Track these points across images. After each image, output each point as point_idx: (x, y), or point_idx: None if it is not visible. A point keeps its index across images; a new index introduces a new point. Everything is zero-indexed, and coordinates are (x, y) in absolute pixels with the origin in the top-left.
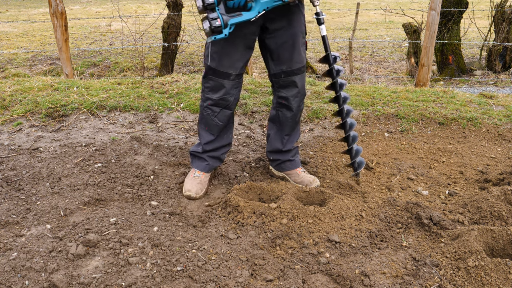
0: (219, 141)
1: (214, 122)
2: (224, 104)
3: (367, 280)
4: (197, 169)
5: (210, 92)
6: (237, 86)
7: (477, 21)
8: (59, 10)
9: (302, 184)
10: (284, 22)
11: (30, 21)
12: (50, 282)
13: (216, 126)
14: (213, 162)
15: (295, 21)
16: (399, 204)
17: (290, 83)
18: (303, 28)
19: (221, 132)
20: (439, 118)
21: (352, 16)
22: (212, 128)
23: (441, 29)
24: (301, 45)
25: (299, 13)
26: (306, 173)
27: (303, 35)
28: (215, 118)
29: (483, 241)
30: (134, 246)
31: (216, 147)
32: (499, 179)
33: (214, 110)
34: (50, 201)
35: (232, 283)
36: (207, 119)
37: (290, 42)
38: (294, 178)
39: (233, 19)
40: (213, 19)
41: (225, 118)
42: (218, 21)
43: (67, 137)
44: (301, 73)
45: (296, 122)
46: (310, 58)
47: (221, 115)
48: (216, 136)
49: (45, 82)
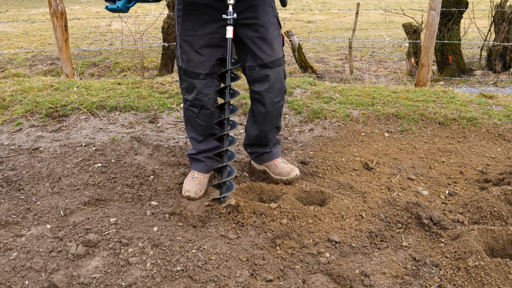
0: (208, 141)
1: (196, 123)
2: (200, 104)
3: (367, 280)
4: (195, 171)
5: (186, 93)
6: (210, 85)
7: (477, 21)
8: (59, 10)
9: (281, 176)
10: (249, 14)
11: (30, 21)
12: (50, 282)
13: (200, 126)
14: (211, 162)
15: (262, 12)
16: (399, 204)
17: (263, 77)
18: (273, 20)
19: (206, 132)
20: (439, 118)
21: (352, 16)
22: (198, 128)
23: (441, 29)
24: (273, 38)
25: (265, 5)
26: (285, 163)
27: (276, 27)
28: (197, 119)
29: (483, 241)
30: (134, 246)
31: (209, 148)
32: (499, 179)
33: (193, 110)
34: (50, 201)
35: (232, 283)
36: (191, 120)
37: (259, 34)
38: (273, 170)
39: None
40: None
41: (206, 118)
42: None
43: (67, 137)
44: (275, 66)
45: (273, 119)
46: (310, 58)
47: (201, 115)
48: (205, 137)
49: (45, 82)
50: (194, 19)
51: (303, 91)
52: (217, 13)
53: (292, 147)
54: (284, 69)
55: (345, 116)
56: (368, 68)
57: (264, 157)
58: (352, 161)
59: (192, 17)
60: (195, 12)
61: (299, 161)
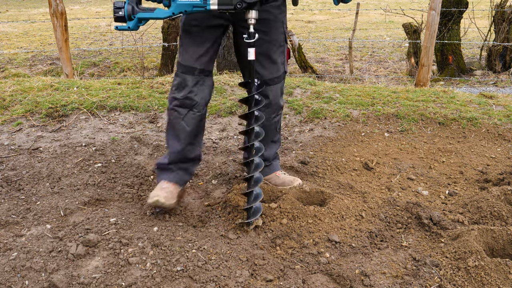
0: (187, 152)
1: (181, 126)
2: (190, 104)
3: (367, 280)
4: (164, 180)
5: (176, 90)
6: (201, 83)
7: (477, 21)
8: (59, 10)
9: (284, 186)
10: (257, 26)
11: (30, 21)
12: (50, 282)
13: (184, 131)
14: (182, 173)
15: (272, 28)
16: (399, 204)
17: (262, 94)
18: (281, 37)
19: (189, 139)
20: (439, 118)
21: (352, 16)
22: (180, 134)
23: (441, 29)
24: (277, 55)
25: (276, 21)
26: (286, 175)
27: (282, 44)
28: (182, 122)
29: (483, 241)
30: (134, 246)
31: (185, 158)
32: (499, 179)
33: (180, 112)
34: (50, 201)
35: (232, 283)
36: (174, 124)
37: (263, 52)
38: (274, 181)
39: (142, 13)
40: (117, 8)
41: (193, 122)
42: (121, 12)
43: (67, 137)
44: (274, 84)
45: (269, 134)
46: (310, 58)
47: (188, 118)
48: (185, 145)
49: (45, 82)
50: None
51: (303, 91)
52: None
53: (292, 147)
54: (283, 85)
55: (345, 116)
56: (368, 68)
57: (264, 170)
58: (352, 161)
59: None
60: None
61: (299, 161)
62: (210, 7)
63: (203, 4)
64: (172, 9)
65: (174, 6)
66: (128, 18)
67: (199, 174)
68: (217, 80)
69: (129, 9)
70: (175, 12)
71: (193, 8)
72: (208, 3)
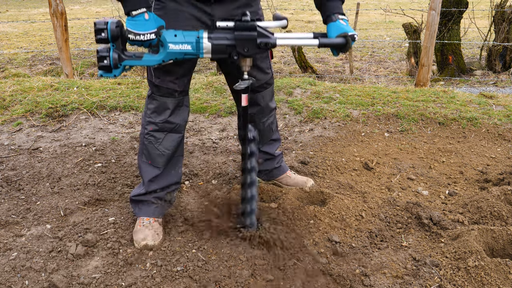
0: (165, 177)
1: (158, 152)
2: (169, 127)
3: (367, 280)
4: (144, 217)
5: (152, 114)
6: (181, 104)
7: (477, 21)
8: (59, 10)
9: (297, 186)
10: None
11: (30, 21)
12: (50, 282)
13: (162, 156)
14: (162, 204)
15: None
16: (399, 204)
17: (252, 102)
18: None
19: (168, 164)
20: (439, 118)
21: (352, 16)
22: (156, 160)
23: (441, 29)
24: (262, 62)
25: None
26: (297, 175)
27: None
28: (160, 146)
29: (483, 241)
30: (133, 246)
31: (163, 186)
32: (499, 179)
33: (157, 136)
34: (50, 201)
35: (232, 283)
36: (149, 149)
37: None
38: (286, 181)
39: (129, 60)
40: (101, 56)
41: (173, 144)
42: (107, 61)
43: (67, 137)
44: (264, 89)
45: (266, 135)
46: (310, 58)
47: (167, 141)
48: (163, 169)
49: (45, 82)
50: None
51: (303, 91)
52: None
53: (292, 147)
54: (272, 88)
55: (345, 116)
56: (368, 68)
57: (273, 173)
58: (352, 161)
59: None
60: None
61: (299, 161)
62: (203, 56)
63: (196, 52)
64: (162, 56)
65: (164, 53)
66: (114, 66)
67: (199, 174)
68: (217, 80)
69: (115, 58)
70: (165, 59)
71: (185, 56)
72: (201, 51)
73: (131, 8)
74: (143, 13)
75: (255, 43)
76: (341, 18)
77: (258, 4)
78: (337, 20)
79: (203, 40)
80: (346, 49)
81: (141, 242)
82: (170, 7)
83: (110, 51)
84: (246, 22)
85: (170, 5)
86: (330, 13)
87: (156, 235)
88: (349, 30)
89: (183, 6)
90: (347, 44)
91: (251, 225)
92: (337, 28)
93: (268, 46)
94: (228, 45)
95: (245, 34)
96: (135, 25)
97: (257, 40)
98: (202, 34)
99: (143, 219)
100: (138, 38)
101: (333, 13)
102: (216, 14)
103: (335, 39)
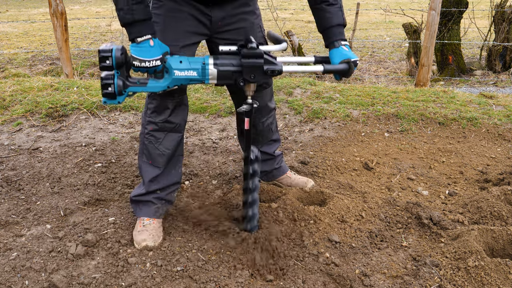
0: (165, 177)
1: (158, 151)
2: (169, 127)
3: (367, 280)
4: (145, 217)
5: (153, 114)
6: (180, 104)
7: (477, 21)
8: (59, 10)
9: (297, 186)
10: (237, 36)
11: (30, 21)
12: (50, 282)
13: (162, 156)
14: (162, 204)
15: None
16: (399, 204)
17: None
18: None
19: (168, 164)
20: (439, 118)
21: (352, 16)
22: (157, 160)
23: (441, 29)
24: None
25: (254, 27)
26: (297, 175)
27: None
28: (160, 146)
29: (483, 241)
30: (133, 246)
31: (163, 186)
32: (499, 179)
33: (157, 136)
34: (50, 201)
35: (232, 283)
36: (150, 149)
37: None
38: (286, 182)
39: (134, 87)
40: (106, 84)
41: (173, 144)
42: (111, 88)
43: (67, 137)
44: (262, 89)
45: (265, 135)
46: None
47: (167, 140)
48: (163, 169)
49: (45, 82)
50: (177, 29)
51: (303, 91)
52: (201, 26)
53: (292, 147)
54: (271, 89)
55: (345, 116)
56: (368, 68)
57: (273, 173)
58: (352, 161)
59: (175, 26)
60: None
61: (299, 161)
62: (208, 82)
63: (201, 78)
64: (167, 82)
65: (169, 79)
66: (119, 93)
67: (199, 174)
68: None
69: (120, 85)
70: (170, 85)
71: (190, 81)
72: (206, 78)
73: (136, 35)
74: (148, 40)
75: (262, 70)
76: (344, 44)
77: (255, 4)
78: (340, 46)
79: (208, 67)
80: (349, 75)
81: (141, 243)
82: (168, 6)
83: (114, 78)
84: (253, 49)
85: (168, 4)
86: (333, 40)
87: (156, 236)
88: (351, 56)
89: (181, 6)
90: (349, 69)
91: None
92: (340, 55)
93: (274, 73)
94: (234, 71)
95: (252, 62)
96: (140, 51)
97: (263, 67)
98: (208, 60)
99: (143, 220)
100: (143, 64)
101: (335, 39)
102: (214, 14)
103: (338, 66)
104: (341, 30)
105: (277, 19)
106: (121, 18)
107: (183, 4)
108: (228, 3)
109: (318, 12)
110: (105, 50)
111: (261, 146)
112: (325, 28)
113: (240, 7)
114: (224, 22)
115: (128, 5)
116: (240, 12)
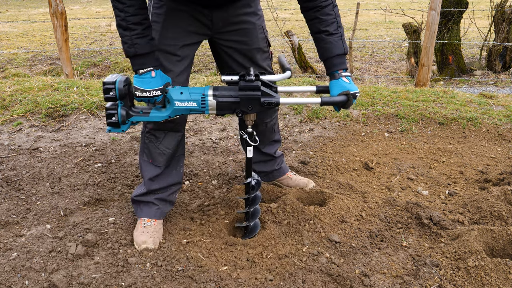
0: (166, 177)
1: (159, 151)
2: (169, 126)
3: (367, 280)
4: (146, 218)
5: None
6: None
7: (477, 21)
8: (59, 10)
9: (298, 187)
10: (238, 37)
11: (30, 21)
12: (50, 282)
13: (162, 155)
14: (163, 205)
15: (253, 37)
16: (399, 204)
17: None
18: (262, 44)
19: (169, 163)
20: (439, 118)
21: (352, 16)
22: (157, 159)
23: (441, 29)
24: (263, 61)
25: (256, 28)
26: (298, 176)
27: (265, 50)
28: (160, 145)
29: (483, 241)
30: (133, 246)
31: (164, 186)
32: (499, 179)
33: (157, 135)
34: (50, 201)
35: (232, 283)
36: (150, 147)
37: (246, 59)
38: (287, 182)
39: (137, 116)
40: (110, 114)
41: (173, 143)
42: (115, 117)
43: (67, 137)
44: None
45: (267, 136)
46: (310, 58)
47: (167, 139)
48: (164, 169)
49: (45, 82)
50: (177, 28)
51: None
52: (202, 26)
53: (292, 147)
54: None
55: (345, 116)
56: (368, 68)
57: (274, 174)
58: (352, 161)
59: (175, 25)
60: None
61: (299, 161)
62: (208, 112)
63: (201, 109)
64: (169, 112)
65: (170, 110)
66: (122, 122)
67: (199, 174)
68: (217, 80)
69: (123, 115)
70: (171, 115)
71: (190, 112)
72: (206, 108)
73: (139, 67)
74: (150, 71)
75: (258, 102)
76: (345, 75)
77: (257, 5)
78: (340, 78)
79: (208, 98)
80: (348, 107)
81: (141, 245)
82: (169, 6)
83: (118, 108)
84: (250, 82)
85: (169, 4)
86: (334, 70)
87: (157, 238)
88: (351, 88)
89: (182, 6)
90: (348, 102)
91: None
92: (339, 87)
93: (271, 105)
94: (233, 102)
95: (249, 94)
96: (142, 82)
97: (260, 99)
98: (208, 91)
99: (144, 220)
100: (144, 94)
101: (336, 70)
102: (215, 14)
103: (336, 97)
104: (342, 60)
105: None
106: (125, 51)
107: (184, 4)
108: (229, 5)
109: (319, 42)
110: (108, 82)
111: (263, 147)
112: (326, 58)
113: (241, 8)
114: (225, 23)
115: (131, 40)
116: (242, 13)
